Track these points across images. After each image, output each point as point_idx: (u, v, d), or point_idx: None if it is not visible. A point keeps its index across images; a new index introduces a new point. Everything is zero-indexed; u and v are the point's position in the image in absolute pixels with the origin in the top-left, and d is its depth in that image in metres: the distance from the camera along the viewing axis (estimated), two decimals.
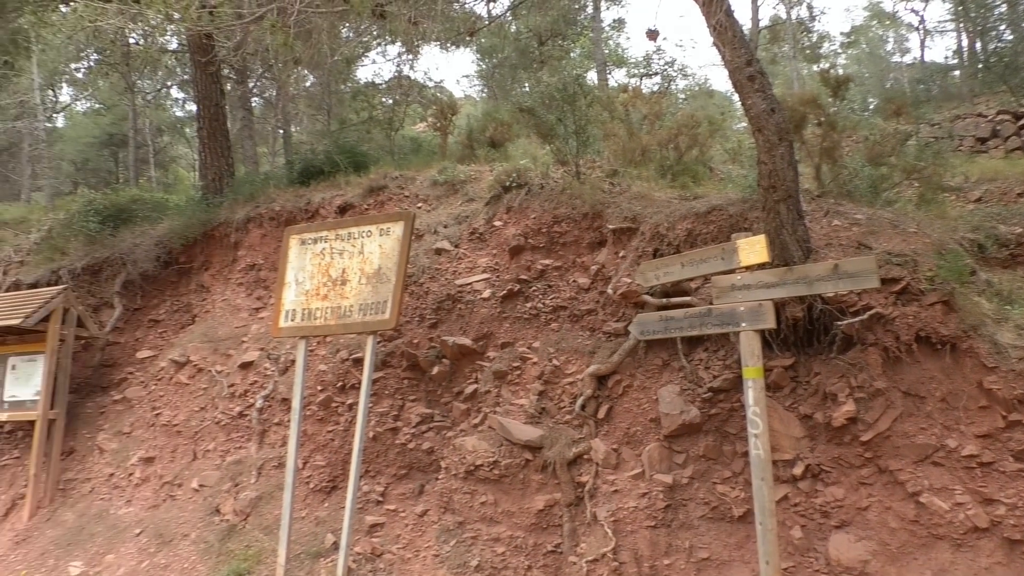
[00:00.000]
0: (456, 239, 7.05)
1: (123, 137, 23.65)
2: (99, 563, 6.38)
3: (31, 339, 8.23)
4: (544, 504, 5.15)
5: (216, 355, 7.86)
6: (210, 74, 10.43)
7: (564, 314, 6.08)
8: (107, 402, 8.44)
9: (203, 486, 6.73)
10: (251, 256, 8.71)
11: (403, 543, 5.42)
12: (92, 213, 9.96)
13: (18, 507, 7.72)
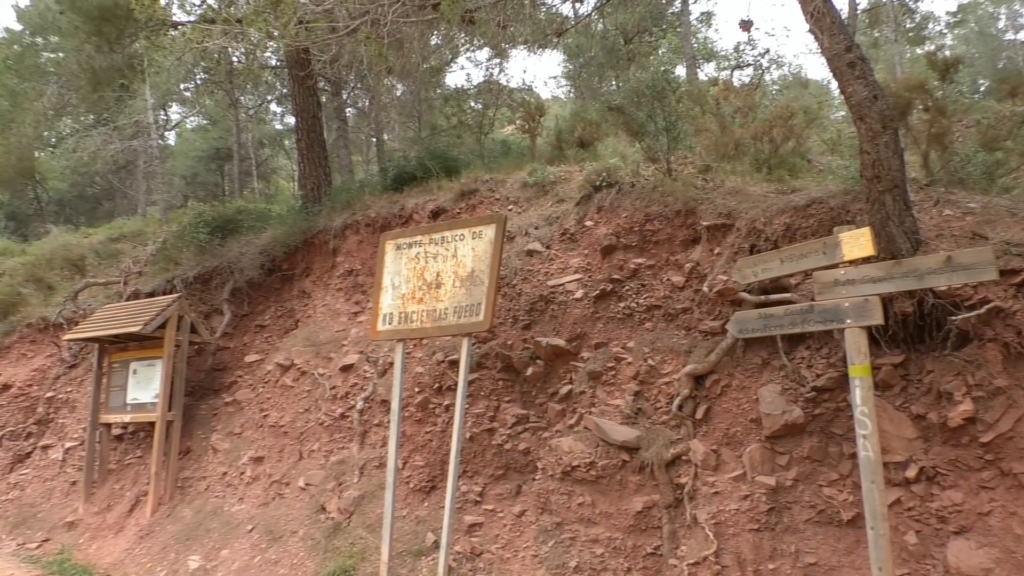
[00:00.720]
0: (547, 240, 7.06)
1: (228, 151, 24.83)
2: (215, 557, 6.72)
3: (150, 345, 8.74)
4: (642, 506, 5.09)
5: (318, 358, 8.14)
6: (307, 87, 10.83)
7: (658, 313, 6.00)
8: (219, 404, 8.88)
9: (309, 485, 6.99)
10: (349, 262, 8.98)
11: (502, 543, 5.47)
12: (202, 225, 10.51)
13: (141, 503, 8.22)
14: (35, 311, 12.21)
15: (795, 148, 7.39)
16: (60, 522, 8.78)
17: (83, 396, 10.26)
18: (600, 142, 9.79)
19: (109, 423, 9.09)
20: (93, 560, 7.70)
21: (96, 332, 8.93)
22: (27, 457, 10.43)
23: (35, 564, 7.78)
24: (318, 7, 5.96)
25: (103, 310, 9.73)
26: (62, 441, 10.11)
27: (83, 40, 10.33)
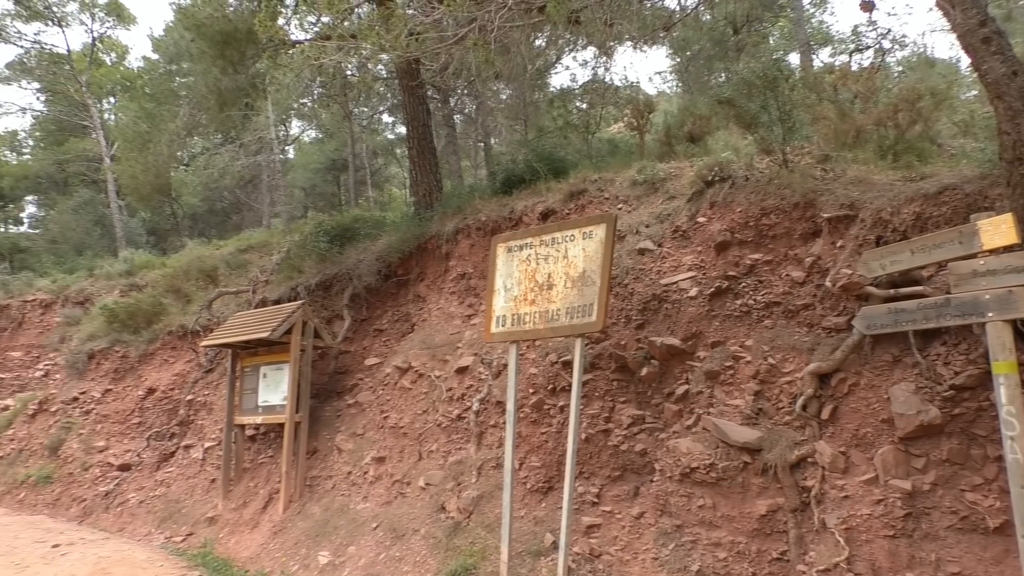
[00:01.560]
0: (659, 238, 6.96)
1: (343, 162, 25.82)
2: (343, 554, 7.00)
3: (277, 350, 9.20)
4: (766, 509, 4.94)
5: (434, 361, 8.34)
6: (417, 96, 11.13)
7: (778, 310, 5.79)
8: (342, 406, 9.25)
9: (429, 484, 7.17)
10: (461, 266, 9.15)
11: (621, 545, 5.43)
12: (322, 234, 10.98)
13: (274, 500, 8.66)
14: (175, 320, 13.10)
15: (923, 132, 6.96)
16: (202, 517, 9.38)
17: (219, 399, 10.92)
18: (711, 136, 9.56)
19: (243, 424, 9.64)
20: (232, 553, 8.19)
21: (229, 338, 9.48)
22: (171, 456, 11.20)
23: (182, 556, 8.35)
24: (427, 18, 6.12)
25: (235, 317, 10.32)
26: (201, 441, 10.81)
27: (210, 64, 11.01)
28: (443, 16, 6.25)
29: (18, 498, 12.37)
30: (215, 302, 12.60)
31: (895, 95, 7.18)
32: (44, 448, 13.02)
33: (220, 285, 13.52)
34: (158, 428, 11.77)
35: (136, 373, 13.13)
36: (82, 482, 11.80)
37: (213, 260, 15.12)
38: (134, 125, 17.04)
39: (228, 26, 9.98)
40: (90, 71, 30.32)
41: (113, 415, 12.73)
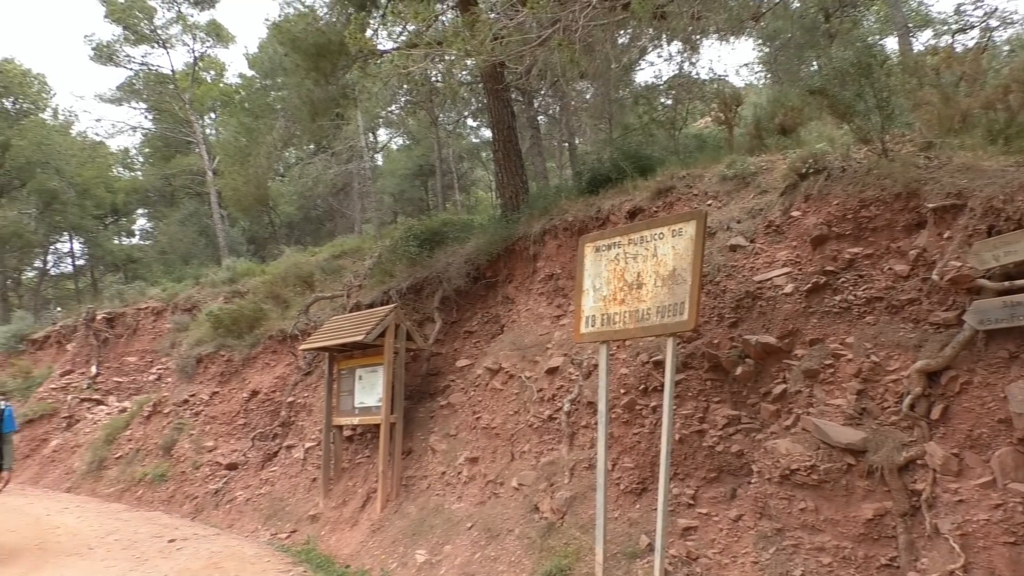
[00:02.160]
0: (751, 234, 6.79)
1: (431, 167, 26.29)
2: (440, 552, 7.13)
3: (372, 352, 9.45)
4: (873, 513, 4.74)
5: (524, 362, 8.38)
6: (502, 100, 11.22)
7: (880, 306, 5.55)
8: (435, 407, 9.42)
9: (522, 485, 7.22)
10: (549, 266, 9.17)
11: (719, 548, 5.32)
12: (411, 239, 11.22)
13: (372, 499, 8.90)
14: (275, 324, 13.65)
15: None
16: (304, 515, 9.73)
17: (317, 400, 11.30)
18: (803, 128, 9.25)
19: (340, 425, 9.95)
20: (333, 550, 8.47)
21: (325, 342, 9.79)
22: (275, 456, 11.67)
23: (287, 552, 8.69)
24: (511, 21, 6.16)
25: (330, 321, 10.66)
26: (302, 441, 11.21)
27: (303, 76, 11.41)
28: (526, 18, 6.28)
29: (136, 495, 13.14)
30: (312, 307, 13.04)
31: (1005, 76, 6.77)
32: (158, 448, 13.79)
33: (316, 290, 13.99)
34: (261, 429, 12.28)
35: (240, 376, 13.74)
36: (193, 480, 12.43)
37: (309, 266, 15.66)
38: (233, 139, 17.83)
39: (321, 39, 10.32)
40: (192, 89, 31.90)
41: (220, 416, 13.36)
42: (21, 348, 23.39)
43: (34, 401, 18.49)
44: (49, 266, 37.66)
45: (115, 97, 34.46)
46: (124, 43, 31.70)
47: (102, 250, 35.53)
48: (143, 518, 11.24)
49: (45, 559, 8.18)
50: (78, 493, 14.36)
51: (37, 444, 17.35)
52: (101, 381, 18.93)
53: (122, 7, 30.10)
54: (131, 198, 36.14)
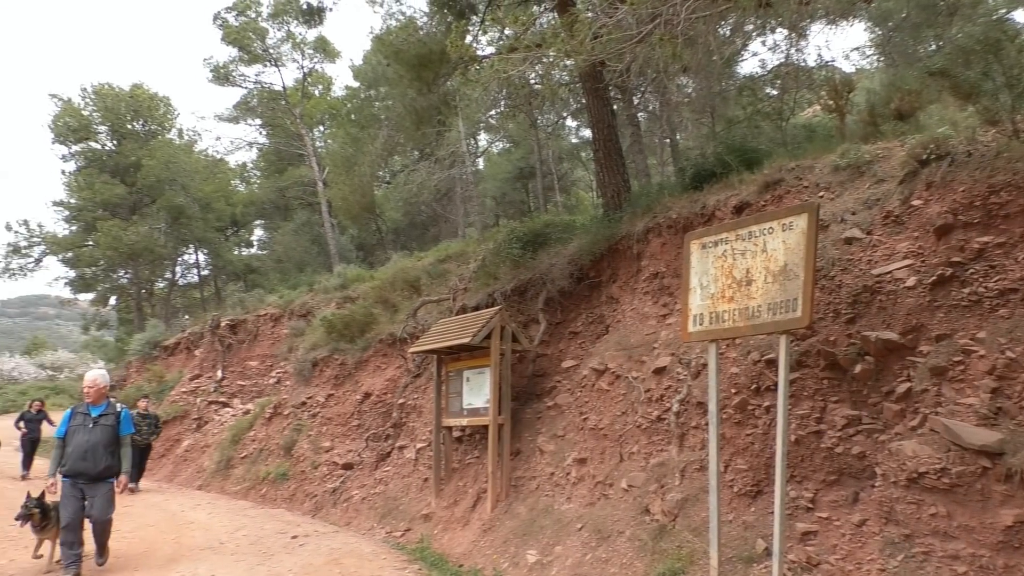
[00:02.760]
0: (867, 225, 6.48)
1: (531, 169, 26.45)
2: (550, 553, 7.15)
3: (478, 354, 9.59)
4: (1013, 520, 4.41)
5: (631, 362, 8.30)
6: (601, 98, 11.15)
7: (1015, 298, 5.18)
8: (542, 408, 9.45)
9: (631, 486, 7.15)
10: (653, 265, 9.04)
11: (841, 554, 5.10)
12: (514, 241, 11.30)
13: (482, 499, 9.03)
14: (384, 328, 14.06)
15: None
16: (417, 514, 9.98)
17: (427, 402, 11.57)
18: (921, 112, 8.75)
19: (450, 426, 10.14)
20: (446, 549, 8.64)
21: (433, 345, 10.01)
22: (387, 456, 12.02)
23: (402, 550, 8.94)
24: (610, 19, 6.12)
25: (438, 324, 10.88)
26: (413, 442, 11.50)
27: (406, 86, 11.73)
28: (625, 15, 6.22)
29: (260, 493, 13.83)
30: (419, 310, 13.35)
31: None
32: (280, 448, 14.46)
33: (423, 294, 14.32)
34: (374, 430, 12.67)
35: (353, 379, 14.23)
36: (312, 479, 12.97)
37: (415, 271, 16.05)
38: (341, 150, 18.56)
39: (422, 49, 10.58)
40: (302, 104, 33.30)
41: (335, 418, 13.88)
42: (155, 354, 25.12)
43: (167, 404, 19.78)
44: (177, 277, 40.27)
45: (232, 115, 36.48)
46: (239, 63, 33.53)
47: (224, 260, 37.69)
48: (267, 515, 11.81)
49: (181, 552, 8.73)
50: (208, 490, 15.25)
51: (171, 444, 18.55)
52: (226, 384, 20.04)
53: (237, 30, 31.80)
54: (249, 210, 38.14)
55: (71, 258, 35.72)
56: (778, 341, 5.33)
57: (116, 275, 37.53)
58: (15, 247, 34.97)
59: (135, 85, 37.15)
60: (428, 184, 23.23)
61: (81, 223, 35.69)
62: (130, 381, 24.64)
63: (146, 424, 14.63)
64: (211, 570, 7.83)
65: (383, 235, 32.62)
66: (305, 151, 32.83)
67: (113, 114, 36.01)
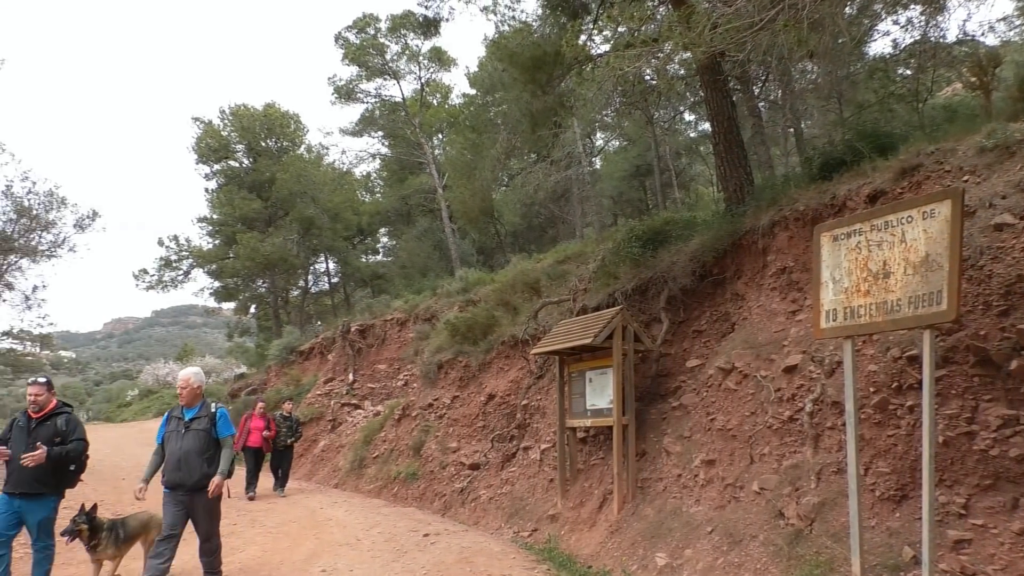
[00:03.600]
0: (1021, 210, 5.99)
1: (647, 167, 26.10)
2: (680, 556, 7.02)
3: (600, 355, 9.54)
4: None
5: (759, 360, 8.03)
6: (720, 90, 10.86)
7: None
8: (667, 409, 9.30)
9: (763, 489, 6.91)
10: (780, 260, 8.72)
11: (1000, 564, 4.73)
12: (633, 239, 11.18)
13: (608, 501, 8.98)
14: (506, 330, 14.24)
15: None
16: (544, 515, 10.05)
17: (550, 403, 11.63)
18: None
19: (574, 427, 10.14)
20: (573, 550, 8.65)
21: (555, 346, 10.04)
22: (513, 457, 12.16)
23: (530, 550, 9.02)
24: (729, 9, 5.95)
25: (559, 325, 10.91)
26: (538, 443, 11.58)
27: (522, 89, 11.84)
28: (744, 4, 6.04)
29: (392, 492, 14.32)
30: (540, 312, 13.44)
31: None
32: (409, 448, 14.94)
33: (543, 296, 14.41)
34: (499, 431, 12.86)
35: (477, 381, 14.50)
36: (441, 479, 13.31)
37: (535, 273, 16.16)
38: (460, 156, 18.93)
39: (537, 51, 10.65)
40: (421, 113, 34.29)
41: (461, 419, 14.19)
42: (291, 359, 26.52)
43: (304, 406, 20.83)
44: (310, 285, 42.39)
45: (356, 129, 38.07)
46: (361, 80, 34.93)
47: (352, 268, 39.36)
48: (399, 513, 12.22)
49: (322, 547, 9.17)
50: (343, 489, 15.95)
51: (309, 444, 19.53)
52: (357, 387, 20.90)
53: (358, 47, 33.17)
54: (374, 219, 39.66)
55: (215, 270, 38.43)
56: (921, 337, 5.01)
57: (255, 285, 40.03)
58: (166, 261, 37.99)
59: (267, 104, 39.43)
60: (545, 186, 23.31)
61: (223, 237, 38.28)
62: (270, 384, 26.12)
63: (287, 427, 15.10)
64: (349, 566, 8.19)
65: (502, 238, 33.05)
66: (425, 159, 33.81)
67: (249, 133, 38.42)
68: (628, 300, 10.81)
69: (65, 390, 64.80)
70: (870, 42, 14.10)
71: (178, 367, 54.48)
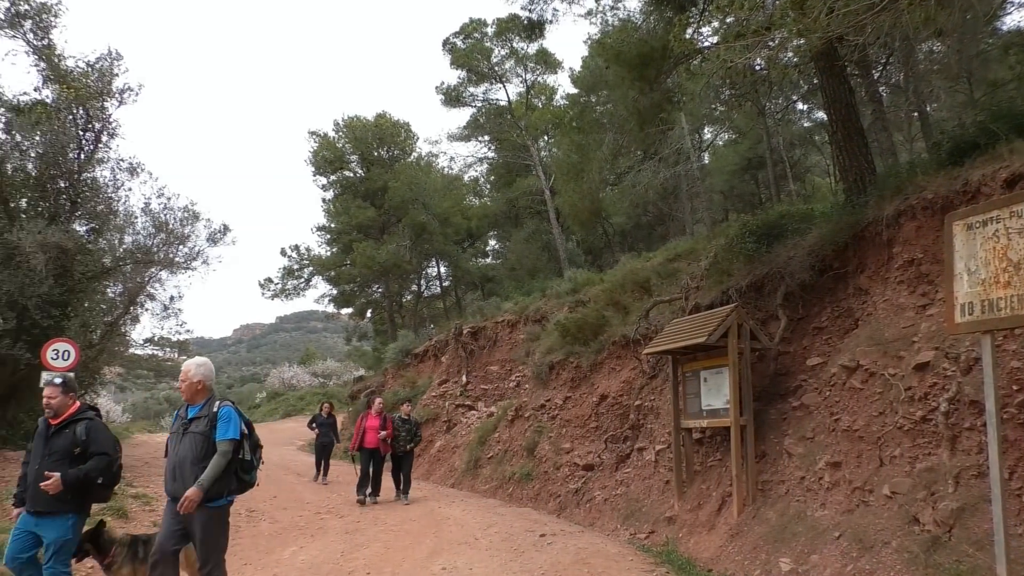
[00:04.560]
0: None
1: (759, 159, 25.31)
2: (805, 562, 6.77)
3: (715, 354, 9.33)
4: None
5: (886, 358, 7.63)
6: (837, 77, 10.40)
7: None
8: (787, 408, 8.98)
9: (895, 493, 6.56)
10: (907, 251, 8.26)
11: None
12: (747, 235, 10.86)
13: (727, 503, 8.77)
14: (617, 330, 14.14)
15: None
16: (660, 516, 9.91)
17: (664, 403, 11.46)
18: None
19: (689, 428, 9.96)
20: (692, 553, 8.49)
21: (668, 345, 9.89)
22: (627, 457, 12.07)
23: (648, 552, 8.92)
24: None
25: (671, 325, 10.74)
26: (652, 444, 11.44)
27: (628, 87, 11.74)
28: None
29: (507, 492, 14.49)
30: (651, 311, 13.26)
31: None
32: (522, 449, 15.07)
33: (653, 295, 14.20)
34: (612, 432, 12.78)
35: (589, 381, 14.47)
36: (555, 479, 13.36)
37: (645, 272, 15.96)
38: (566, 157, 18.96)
39: (644, 47, 10.53)
40: (527, 116, 34.58)
41: (573, 420, 14.19)
42: (407, 361, 27.30)
43: (420, 407, 21.39)
44: (422, 289, 43.54)
45: (463, 134, 38.83)
46: (467, 84, 35.63)
47: (462, 271, 40.16)
48: (515, 513, 12.34)
49: (441, 546, 9.39)
50: (460, 488, 16.27)
51: (426, 445, 20.04)
52: (470, 388, 21.27)
53: (464, 52, 33.84)
54: (482, 222, 40.30)
55: (333, 277, 40.22)
56: None
57: (370, 290, 41.54)
58: (288, 270, 40.07)
59: (379, 114, 40.85)
60: (653, 184, 23.02)
61: (340, 245, 39.94)
62: (388, 386, 26.96)
63: (406, 430, 14.06)
64: (469, 564, 8.34)
65: (610, 238, 32.84)
66: (532, 161, 34.05)
67: (362, 143, 39.95)
68: (743, 297, 10.51)
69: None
70: (1004, 15, 13.16)
71: (302, 370, 57.17)
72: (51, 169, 14.99)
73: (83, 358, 13.86)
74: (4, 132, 14.71)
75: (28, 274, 13.43)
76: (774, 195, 23.81)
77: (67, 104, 15.01)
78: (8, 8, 14.68)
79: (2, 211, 14.13)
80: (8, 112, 14.72)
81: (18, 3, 14.69)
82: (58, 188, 15.39)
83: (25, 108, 14.84)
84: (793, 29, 6.08)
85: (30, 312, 13.62)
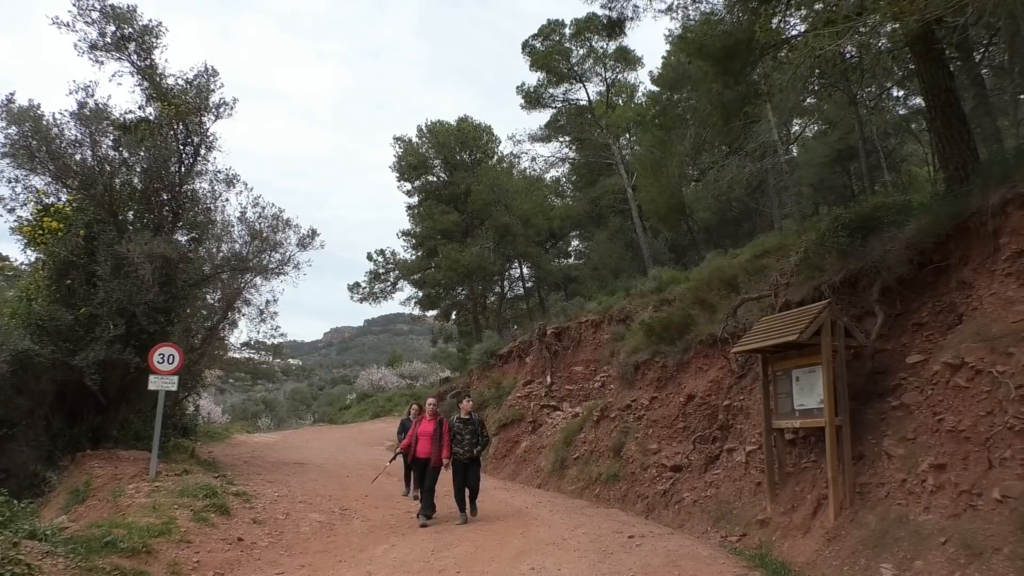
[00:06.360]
0: None
1: (851, 150, 24.37)
2: (908, 568, 6.47)
3: (807, 352, 9.03)
4: None
5: (994, 355, 7.23)
6: (935, 61, 9.92)
7: None
8: (885, 408, 8.62)
9: (1007, 497, 6.21)
10: (1016, 242, 7.80)
11: None
12: (840, 228, 10.46)
13: (823, 506, 8.48)
14: (703, 329, 13.89)
15: None
16: (752, 519, 9.67)
17: (754, 403, 11.18)
18: None
19: (781, 428, 9.68)
20: (786, 557, 8.24)
21: (757, 344, 9.64)
22: (716, 459, 11.83)
23: (740, 556, 8.71)
24: None
25: (760, 323, 10.47)
26: (742, 445, 11.18)
27: (711, 81, 11.54)
28: None
29: (594, 493, 14.42)
30: (739, 309, 12.97)
31: None
32: (608, 449, 14.97)
33: (741, 292, 13.87)
34: (700, 432, 12.55)
35: (675, 381, 14.25)
36: (642, 481, 13.22)
37: (732, 269, 15.60)
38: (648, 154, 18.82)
39: (728, 40, 10.32)
40: (608, 115, 34.39)
41: (660, 420, 14.01)
42: (492, 362, 27.55)
43: (506, 408, 21.54)
44: (506, 290, 43.84)
45: (544, 135, 38.92)
46: (547, 85, 35.72)
47: (545, 272, 40.25)
48: (602, 514, 12.27)
49: (529, 546, 9.43)
50: (546, 489, 16.28)
51: (511, 445, 20.16)
52: (555, 389, 21.26)
53: (544, 53, 33.96)
54: (564, 223, 40.31)
55: (418, 280, 41.04)
56: None
57: (455, 292, 42.10)
58: (375, 274, 41.14)
59: (461, 119, 41.38)
60: (739, 179, 22.49)
61: (424, 249, 40.68)
62: (473, 387, 27.26)
63: (468, 432, 11.67)
64: (557, 564, 8.35)
65: (695, 235, 32.28)
66: (613, 160, 33.82)
67: (445, 148, 40.61)
68: (836, 293, 10.14)
69: (294, 395, 71.77)
70: None
71: (389, 372, 58.40)
72: (155, 183, 15.81)
73: (186, 361, 14.58)
74: (113, 149, 15.60)
75: (136, 283, 14.20)
76: (867, 187, 22.87)
77: (168, 120, 15.80)
78: (114, 31, 15.56)
79: (112, 224, 14.98)
80: (116, 130, 15.59)
81: (123, 27, 15.54)
82: (161, 200, 16.21)
83: (131, 126, 15.69)
84: (887, 13, 5.84)
85: (138, 319, 14.39)
